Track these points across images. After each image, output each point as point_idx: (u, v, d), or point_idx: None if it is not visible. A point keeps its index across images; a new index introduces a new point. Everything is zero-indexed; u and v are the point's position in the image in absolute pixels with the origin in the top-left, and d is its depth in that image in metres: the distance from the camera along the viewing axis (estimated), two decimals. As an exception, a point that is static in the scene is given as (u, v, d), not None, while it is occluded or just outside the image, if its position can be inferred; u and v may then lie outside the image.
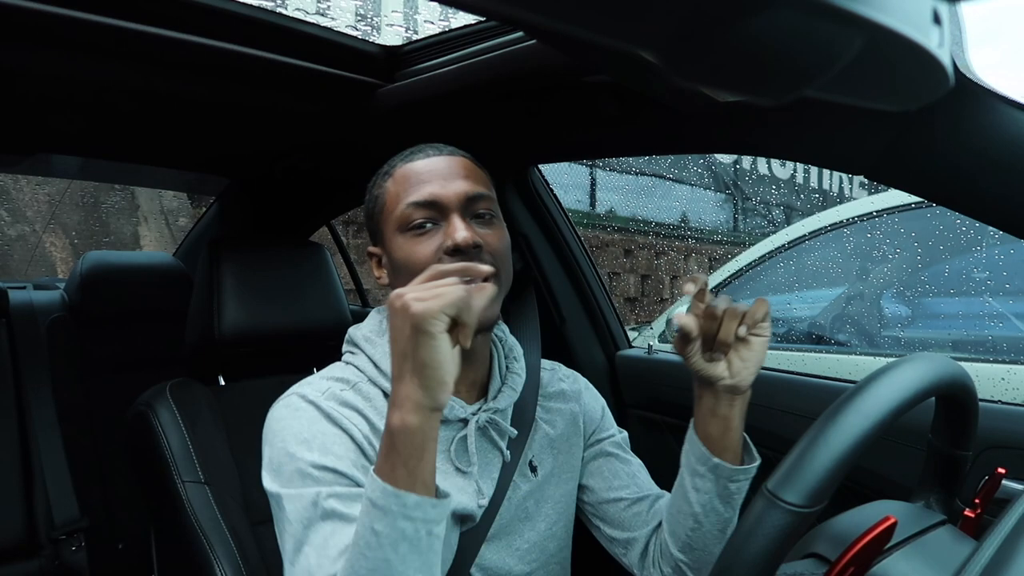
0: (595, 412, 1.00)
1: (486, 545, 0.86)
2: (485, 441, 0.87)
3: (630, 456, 0.99)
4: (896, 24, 0.24)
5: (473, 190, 0.81)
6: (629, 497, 0.94)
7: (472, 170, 0.84)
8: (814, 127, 0.79)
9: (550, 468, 0.93)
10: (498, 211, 0.85)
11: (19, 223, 3.84)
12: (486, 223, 0.82)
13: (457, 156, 0.85)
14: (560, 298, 1.38)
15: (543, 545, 0.91)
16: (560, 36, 0.64)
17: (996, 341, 1.91)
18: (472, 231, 0.79)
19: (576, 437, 0.97)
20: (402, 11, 2.16)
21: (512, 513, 0.88)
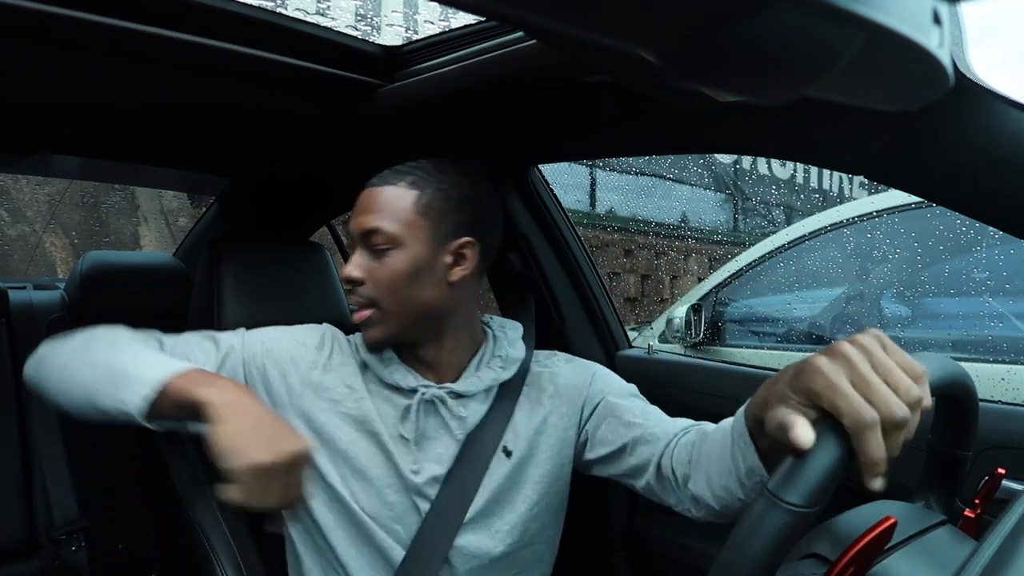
0: (582, 386, 1.01)
1: (463, 528, 0.92)
2: (434, 417, 0.95)
3: (632, 403, 0.98)
4: (896, 24, 0.24)
5: (369, 225, 0.91)
6: (629, 439, 0.93)
7: (382, 202, 0.92)
8: (814, 127, 0.79)
9: (526, 450, 0.96)
10: (401, 240, 0.91)
11: (19, 223, 3.84)
12: (376, 256, 0.91)
13: (384, 186, 0.93)
14: (560, 298, 1.38)
15: (524, 526, 0.96)
16: (560, 36, 0.64)
17: (996, 341, 1.91)
18: (355, 266, 0.92)
19: (561, 418, 0.99)
20: (402, 11, 2.16)
21: (488, 496, 0.93)
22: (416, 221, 0.91)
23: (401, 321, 0.92)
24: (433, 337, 0.96)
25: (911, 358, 0.55)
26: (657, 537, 1.31)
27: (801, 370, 0.56)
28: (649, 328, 2.74)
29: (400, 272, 0.91)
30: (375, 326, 0.93)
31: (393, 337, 0.94)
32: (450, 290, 0.93)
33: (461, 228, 0.93)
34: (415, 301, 0.92)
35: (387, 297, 0.91)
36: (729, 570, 0.47)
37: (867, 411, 0.50)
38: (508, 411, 0.97)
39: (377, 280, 0.91)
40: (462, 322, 0.97)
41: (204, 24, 0.85)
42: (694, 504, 0.84)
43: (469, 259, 0.94)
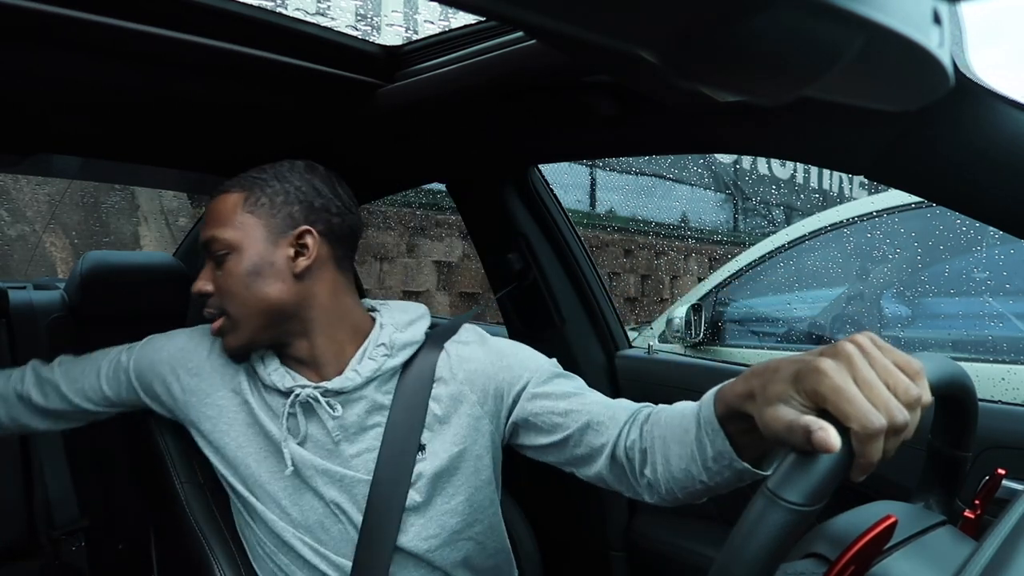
0: (495, 372, 0.95)
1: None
2: (314, 418, 0.93)
3: (562, 387, 0.92)
4: (896, 24, 0.24)
5: (206, 236, 0.93)
6: (573, 429, 0.88)
7: (216, 212, 0.94)
8: (814, 127, 0.79)
9: (440, 445, 0.93)
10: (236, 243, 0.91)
11: (19, 223, 3.83)
12: (220, 264, 0.92)
13: (218, 196, 0.95)
14: (560, 298, 1.38)
15: (442, 522, 0.93)
16: (560, 36, 0.64)
17: (996, 341, 1.91)
18: (203, 279, 0.94)
19: (473, 407, 0.94)
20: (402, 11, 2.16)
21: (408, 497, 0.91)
22: (247, 221, 0.92)
23: (252, 324, 0.92)
24: (299, 334, 0.94)
25: (907, 355, 0.55)
26: (656, 537, 1.31)
27: (804, 371, 0.55)
28: (649, 328, 2.74)
29: (240, 274, 0.91)
30: (228, 334, 0.93)
31: (249, 342, 0.93)
32: (298, 283, 0.92)
33: (295, 219, 0.93)
34: (261, 301, 0.91)
35: (233, 302, 0.91)
36: (729, 568, 0.47)
37: (876, 418, 0.50)
38: (413, 401, 0.93)
39: (222, 288, 0.92)
40: (331, 315, 0.95)
41: (204, 24, 0.85)
42: (648, 490, 0.82)
43: (311, 248, 0.93)
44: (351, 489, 0.92)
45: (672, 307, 2.71)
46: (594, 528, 1.38)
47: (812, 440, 0.49)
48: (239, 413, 0.96)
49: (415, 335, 0.98)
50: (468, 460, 0.94)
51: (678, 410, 0.79)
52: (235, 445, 0.95)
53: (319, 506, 0.93)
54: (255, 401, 0.95)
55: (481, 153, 1.24)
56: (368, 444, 0.93)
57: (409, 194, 4.85)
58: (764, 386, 0.60)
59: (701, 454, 0.72)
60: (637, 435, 0.82)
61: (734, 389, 0.67)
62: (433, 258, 5.06)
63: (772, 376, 0.59)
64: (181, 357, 0.99)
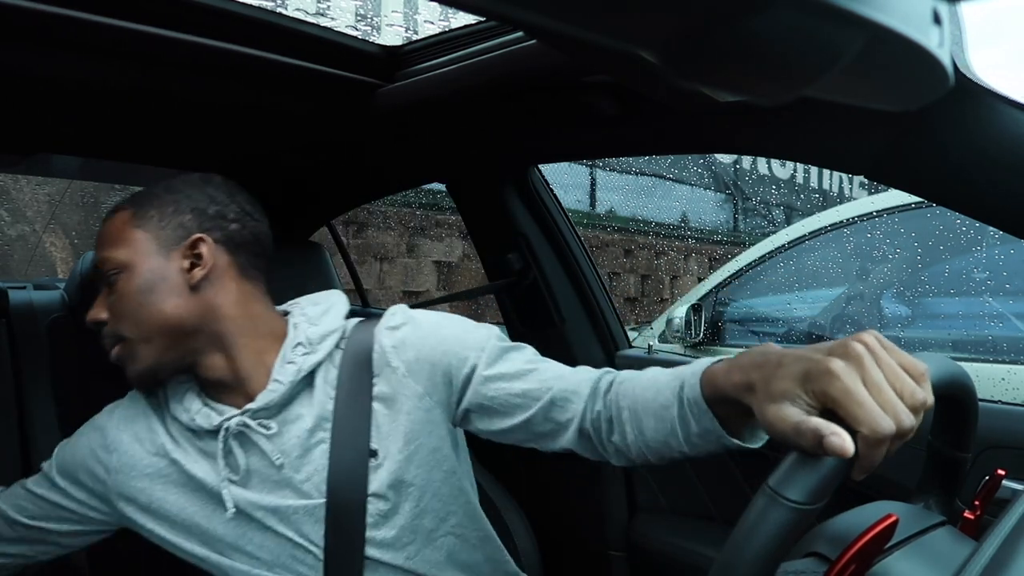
0: (437, 357, 0.87)
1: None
2: (252, 447, 0.87)
3: (515, 364, 0.86)
4: (896, 24, 0.24)
5: (98, 257, 0.90)
6: (536, 408, 0.83)
7: (105, 233, 0.90)
8: (814, 127, 0.79)
9: (393, 445, 0.86)
10: (126, 261, 0.87)
11: (19, 223, 3.83)
12: (112, 287, 0.88)
13: (107, 218, 0.91)
14: (560, 298, 1.38)
15: (414, 525, 0.87)
16: (560, 36, 0.64)
17: (996, 341, 1.91)
18: (97, 307, 0.89)
19: (421, 399, 0.87)
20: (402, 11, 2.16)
21: (371, 508, 0.85)
22: (135, 236, 0.87)
23: (152, 346, 0.86)
24: (209, 352, 0.88)
25: (912, 357, 0.55)
26: (656, 537, 1.31)
27: (814, 372, 0.54)
28: (649, 328, 2.74)
29: (132, 293, 0.86)
30: (129, 361, 0.87)
31: (153, 366, 0.87)
32: (196, 295, 0.87)
33: (187, 228, 0.89)
34: (157, 319, 0.86)
35: (128, 324, 0.86)
36: (730, 567, 0.47)
37: (887, 423, 0.49)
38: (355, 406, 0.86)
39: (116, 311, 0.87)
40: (240, 325, 0.89)
41: (204, 24, 0.85)
42: (615, 455, 0.79)
43: (207, 257, 0.88)
44: (310, 516, 0.86)
45: (672, 307, 2.71)
46: (594, 528, 1.38)
47: (824, 444, 0.49)
48: (170, 474, 0.90)
49: (332, 324, 0.92)
50: (425, 454, 0.87)
51: (650, 382, 0.76)
52: (177, 508, 0.89)
53: (284, 543, 0.87)
54: (183, 456, 0.89)
55: (481, 153, 1.24)
56: (316, 464, 0.86)
57: (409, 194, 4.85)
58: (767, 381, 0.58)
59: (684, 430, 0.71)
60: (602, 405, 0.79)
61: (730, 378, 0.64)
62: (433, 258, 5.06)
63: (776, 372, 0.57)
64: (95, 441, 0.94)
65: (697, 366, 0.71)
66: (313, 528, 0.86)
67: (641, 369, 0.81)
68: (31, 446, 1.50)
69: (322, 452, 0.86)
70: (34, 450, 1.50)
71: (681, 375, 0.72)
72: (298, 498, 0.86)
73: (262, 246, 0.96)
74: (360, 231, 4.69)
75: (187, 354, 0.88)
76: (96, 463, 0.93)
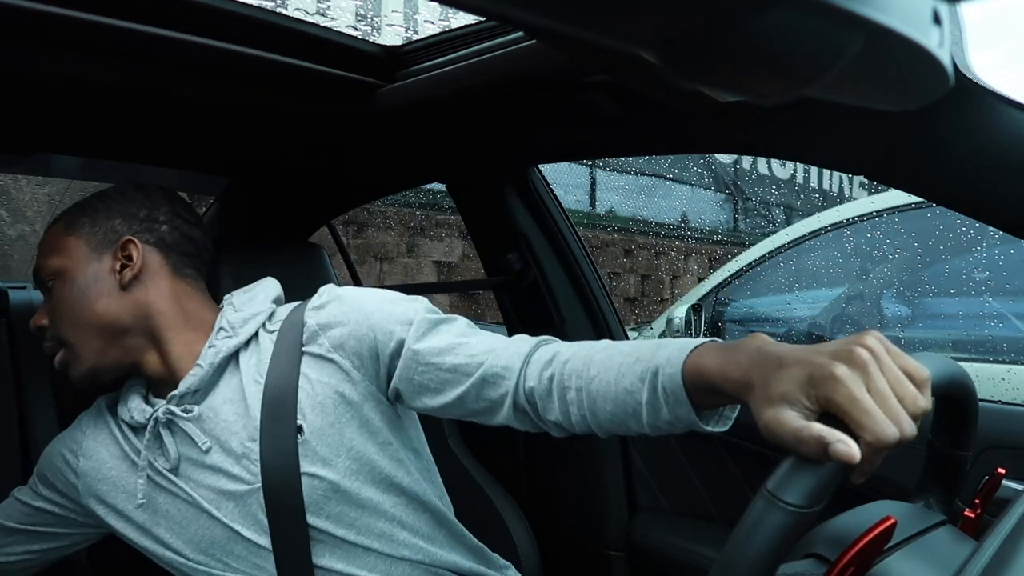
0: (362, 333, 0.85)
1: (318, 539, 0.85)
2: (180, 433, 0.89)
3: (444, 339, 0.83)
4: (896, 24, 0.24)
5: (35, 266, 0.95)
6: (467, 385, 0.80)
7: (43, 242, 0.95)
8: (814, 127, 0.79)
9: (319, 419, 0.85)
10: (60, 267, 0.91)
11: (19, 223, 3.83)
12: (50, 293, 0.92)
13: (46, 230, 0.96)
14: (560, 298, 1.38)
15: (354, 499, 0.86)
16: (560, 36, 0.64)
17: (996, 341, 1.91)
18: (39, 314, 0.94)
19: (349, 373, 0.86)
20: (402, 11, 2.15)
21: (306, 484, 0.84)
22: (67, 243, 0.92)
23: (90, 347, 0.90)
24: (146, 348, 0.92)
25: (915, 362, 0.54)
26: (656, 537, 1.31)
27: (818, 377, 0.52)
28: (649, 328, 2.74)
29: (68, 298, 0.90)
30: (71, 364, 0.92)
31: (93, 367, 0.91)
32: (127, 295, 0.90)
33: (118, 231, 0.92)
34: (91, 320, 0.89)
35: (66, 327, 0.90)
36: (729, 570, 0.47)
37: (892, 431, 0.49)
38: (283, 383, 0.86)
39: (55, 317, 0.91)
40: (173, 319, 0.92)
41: (204, 24, 0.85)
42: (556, 428, 0.77)
43: (136, 258, 0.91)
44: (246, 502, 0.86)
45: (672, 307, 2.71)
46: (593, 528, 1.38)
47: (830, 452, 0.48)
48: (125, 476, 0.93)
49: (255, 308, 0.93)
50: (355, 427, 0.86)
51: (606, 361, 0.71)
52: (135, 512, 0.92)
53: (228, 532, 0.87)
54: (128, 460, 0.93)
55: (481, 153, 1.23)
56: (242, 447, 0.86)
57: (409, 194, 4.85)
58: (766, 381, 0.56)
59: (651, 416, 0.68)
60: (535, 381, 0.75)
61: (726, 373, 0.61)
62: (433, 258, 5.06)
63: (776, 372, 0.55)
64: (66, 445, 0.98)
65: (673, 352, 0.66)
66: (252, 514, 0.86)
67: None
68: (31, 446, 1.50)
69: (249, 434, 0.86)
70: (34, 450, 1.49)
71: (650, 359, 0.68)
72: (231, 482, 0.87)
73: (195, 246, 0.99)
74: (360, 231, 4.69)
75: (125, 353, 0.92)
76: (67, 468, 0.97)
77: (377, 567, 0.87)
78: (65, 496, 0.98)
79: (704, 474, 1.29)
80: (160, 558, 0.93)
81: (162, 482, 0.90)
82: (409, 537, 0.88)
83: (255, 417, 0.86)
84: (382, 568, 0.87)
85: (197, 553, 0.89)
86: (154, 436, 0.90)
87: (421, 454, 0.95)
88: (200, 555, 0.89)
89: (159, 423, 0.89)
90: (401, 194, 4.51)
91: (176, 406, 0.88)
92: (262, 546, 0.86)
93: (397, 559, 0.87)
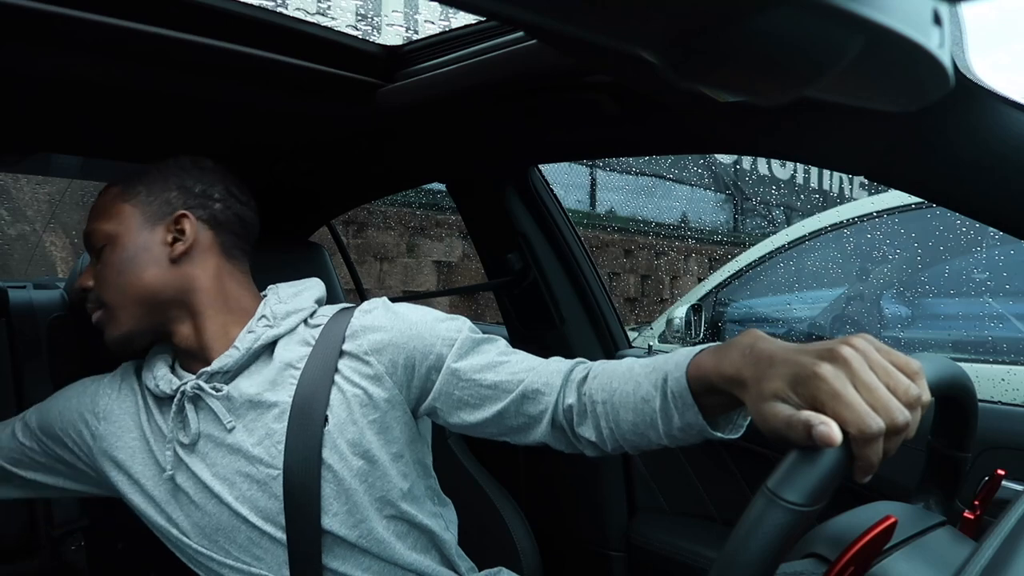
0: (403, 342, 0.87)
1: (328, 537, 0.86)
2: (205, 409, 0.90)
3: (486, 356, 0.86)
4: (896, 24, 0.24)
5: (87, 229, 0.95)
6: (507, 401, 0.82)
7: (96, 207, 0.96)
8: (814, 127, 0.79)
9: (344, 415, 0.86)
10: (113, 233, 0.92)
11: (19, 223, 3.84)
12: (99, 257, 0.94)
13: (101, 192, 0.96)
14: (560, 298, 1.38)
15: (363, 501, 0.87)
16: (560, 36, 0.64)
17: (996, 341, 1.91)
18: (86, 275, 0.95)
19: (384, 378, 0.87)
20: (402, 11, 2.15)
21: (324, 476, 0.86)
22: (123, 210, 0.93)
23: (129, 313, 0.91)
24: (181, 320, 0.93)
25: (905, 356, 0.55)
26: (656, 537, 1.31)
27: (802, 376, 0.54)
28: (649, 328, 2.74)
29: (116, 263, 0.91)
30: (107, 325, 0.93)
31: (129, 332, 0.92)
32: (175, 268, 0.92)
33: (172, 204, 0.94)
34: (136, 288, 0.91)
35: (109, 291, 0.92)
36: (729, 569, 0.47)
37: (874, 422, 0.50)
38: (318, 378, 0.87)
39: (100, 280, 0.93)
40: (213, 298, 0.93)
41: (204, 24, 0.85)
42: (589, 447, 0.79)
43: (189, 233, 0.93)
44: (263, 487, 0.86)
45: (672, 307, 2.71)
46: (593, 528, 1.38)
47: (814, 434, 0.49)
48: (145, 452, 0.93)
49: (300, 304, 0.95)
50: (375, 430, 0.87)
51: (627, 374, 0.75)
52: (151, 484, 0.92)
53: (237, 520, 0.87)
54: (149, 430, 0.93)
55: (481, 153, 1.24)
56: (268, 429, 0.87)
57: (409, 194, 4.85)
58: (759, 379, 0.58)
59: (665, 424, 0.70)
60: (575, 398, 0.79)
61: (721, 371, 0.63)
62: (433, 258, 5.06)
63: (767, 371, 0.57)
64: (86, 406, 0.98)
65: (680, 358, 0.69)
66: (265, 499, 0.86)
67: None
68: (31, 446, 1.50)
69: (275, 416, 0.87)
70: (34, 450, 1.50)
71: (663, 367, 0.71)
72: (249, 464, 0.87)
73: (246, 228, 1.00)
74: (360, 231, 4.69)
75: (161, 323, 0.93)
76: (84, 428, 0.97)
77: (372, 568, 0.88)
78: (71, 451, 0.98)
79: (704, 474, 1.29)
80: (161, 531, 0.93)
81: (182, 455, 0.90)
82: (404, 552, 0.89)
83: (284, 403, 0.87)
84: (376, 570, 0.88)
85: (200, 536, 0.89)
86: (179, 409, 0.90)
87: (428, 472, 0.96)
88: (203, 539, 0.89)
89: (185, 396, 0.90)
90: (401, 194, 4.51)
91: (206, 383, 0.89)
92: (266, 533, 0.87)
93: (393, 566, 0.89)
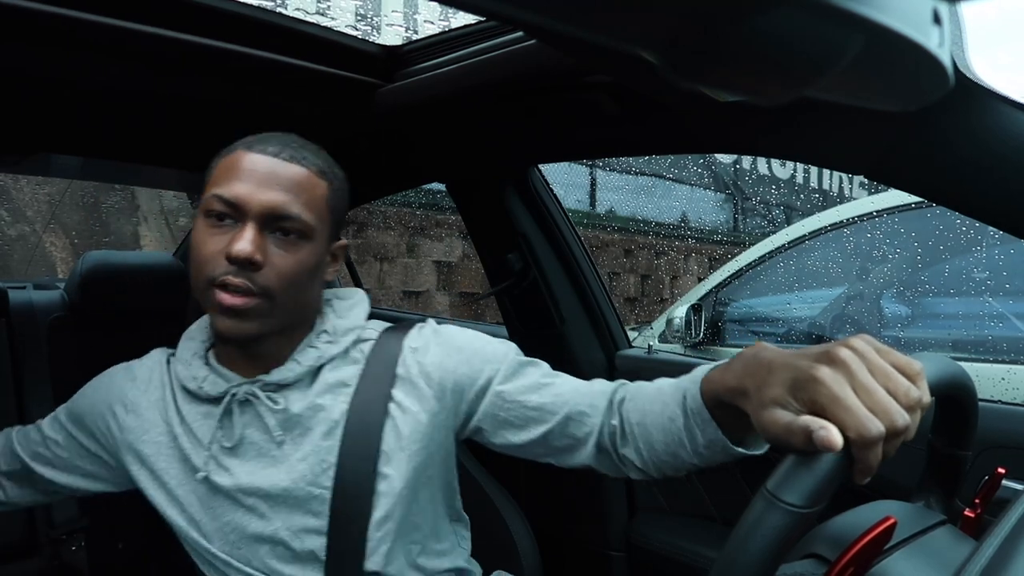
0: (452, 366, 0.87)
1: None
2: (252, 416, 0.86)
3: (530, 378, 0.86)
4: (896, 24, 0.24)
5: (281, 206, 0.80)
6: (553, 423, 0.83)
7: (295, 185, 0.81)
8: (814, 127, 0.79)
9: (400, 448, 0.86)
10: (314, 233, 0.83)
11: (19, 223, 3.84)
12: (284, 244, 0.81)
13: (292, 163, 0.82)
14: (560, 298, 1.38)
15: (395, 528, 0.86)
16: (560, 36, 0.64)
17: (996, 341, 1.91)
18: (256, 247, 0.78)
19: (429, 402, 0.87)
20: (402, 11, 2.16)
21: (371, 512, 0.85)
22: (326, 217, 0.85)
23: (287, 317, 0.84)
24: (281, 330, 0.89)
25: (905, 357, 0.55)
26: (656, 538, 1.31)
27: (801, 380, 0.54)
28: (649, 328, 2.74)
29: (306, 267, 0.83)
30: (257, 318, 0.81)
31: (271, 331, 0.84)
32: (318, 283, 0.88)
33: (339, 228, 0.91)
34: (305, 298, 0.86)
35: (286, 291, 0.81)
36: (729, 570, 0.47)
37: (873, 426, 0.49)
38: (372, 402, 0.86)
39: (280, 270, 0.80)
40: (308, 313, 0.91)
41: (204, 24, 0.85)
42: (633, 469, 0.79)
43: (338, 259, 0.92)
44: (302, 506, 0.85)
45: (672, 307, 2.71)
46: (593, 528, 1.38)
47: (814, 439, 0.49)
48: (172, 449, 0.90)
49: (356, 320, 0.93)
50: (422, 459, 0.87)
51: (656, 395, 0.76)
52: (176, 483, 0.89)
53: (254, 523, 0.86)
54: (181, 429, 0.89)
55: (481, 153, 1.24)
56: (314, 446, 0.85)
57: (409, 194, 4.85)
58: (759, 387, 0.58)
59: (691, 442, 0.71)
60: (618, 420, 0.79)
61: (725, 383, 0.65)
62: (433, 258, 5.06)
63: (767, 378, 0.58)
64: (115, 396, 0.94)
65: (696, 374, 0.71)
66: (302, 517, 0.84)
67: (641, 369, 0.81)
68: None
69: (323, 434, 0.85)
70: (34, 450, 1.50)
71: (683, 386, 0.72)
72: (290, 479, 0.84)
73: None
74: (360, 231, 4.69)
75: (285, 328, 0.87)
76: (112, 418, 0.93)
77: None
78: (97, 442, 0.95)
79: (704, 475, 1.29)
80: (179, 531, 0.90)
81: (221, 459, 0.87)
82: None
83: (333, 421, 0.85)
84: None
85: (222, 542, 0.87)
86: (226, 412, 0.86)
87: (454, 492, 0.97)
88: (225, 544, 0.87)
89: (235, 399, 0.86)
90: (401, 194, 4.51)
91: (262, 390, 0.85)
92: (294, 549, 0.85)
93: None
